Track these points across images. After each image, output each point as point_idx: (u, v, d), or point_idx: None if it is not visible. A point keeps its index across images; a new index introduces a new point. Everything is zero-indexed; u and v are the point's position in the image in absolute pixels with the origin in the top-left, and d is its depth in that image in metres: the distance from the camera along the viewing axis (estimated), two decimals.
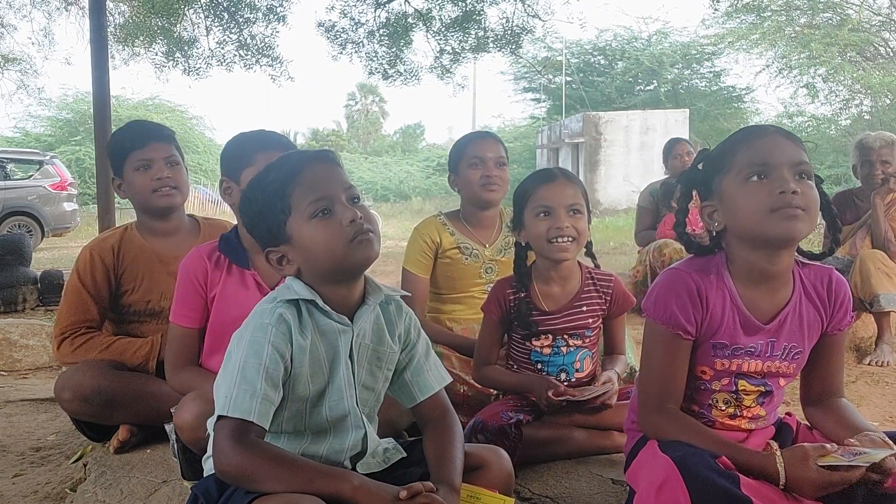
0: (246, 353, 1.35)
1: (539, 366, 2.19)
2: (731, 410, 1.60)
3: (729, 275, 1.54)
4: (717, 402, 1.60)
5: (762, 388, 1.59)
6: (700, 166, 1.59)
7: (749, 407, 1.60)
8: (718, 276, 1.53)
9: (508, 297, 2.16)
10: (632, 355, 2.47)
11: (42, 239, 11.75)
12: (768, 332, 1.54)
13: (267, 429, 1.34)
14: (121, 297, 2.39)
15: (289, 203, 1.39)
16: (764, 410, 1.62)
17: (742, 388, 1.58)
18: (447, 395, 2.36)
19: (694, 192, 1.62)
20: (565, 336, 2.17)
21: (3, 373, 3.61)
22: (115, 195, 2.71)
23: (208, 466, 1.47)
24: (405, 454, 1.53)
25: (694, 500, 1.30)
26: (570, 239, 2.06)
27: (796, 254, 1.55)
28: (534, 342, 2.18)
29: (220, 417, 1.32)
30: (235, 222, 2.11)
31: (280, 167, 1.44)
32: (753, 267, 1.52)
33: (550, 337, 2.16)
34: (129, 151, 2.37)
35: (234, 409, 1.31)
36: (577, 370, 2.19)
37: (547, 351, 2.17)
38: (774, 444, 1.47)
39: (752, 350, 1.55)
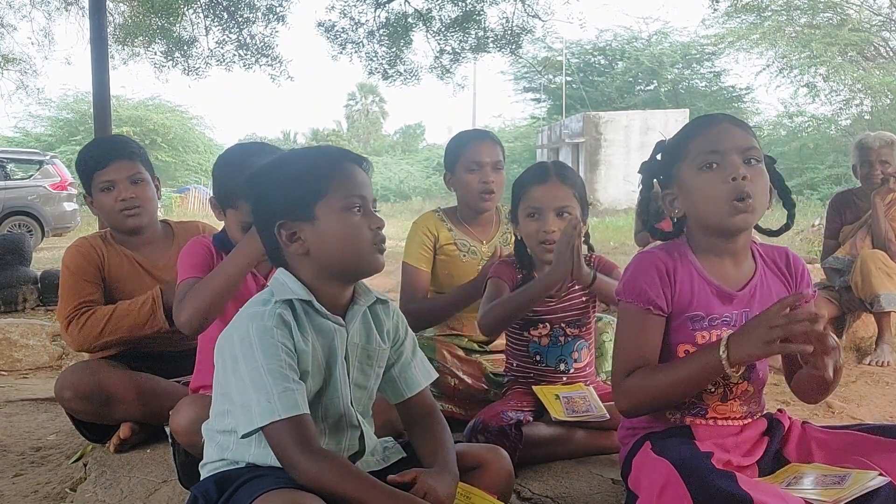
0: (261, 357, 1.34)
1: (538, 357, 2.21)
2: (720, 391, 1.62)
3: (692, 253, 1.61)
4: None
5: None
6: (658, 157, 1.66)
7: (737, 384, 1.62)
8: (682, 256, 1.60)
9: (515, 275, 2.20)
10: None
11: (42, 239, 11.74)
12: (741, 301, 1.59)
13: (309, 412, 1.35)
14: (106, 299, 2.38)
15: (326, 186, 1.40)
16: (752, 387, 1.64)
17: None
18: (439, 387, 2.38)
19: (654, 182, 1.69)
20: (563, 325, 2.19)
21: (3, 373, 3.60)
22: None
23: (206, 471, 1.47)
24: (405, 454, 1.53)
25: (696, 502, 1.31)
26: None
27: (754, 231, 1.63)
28: (532, 332, 2.19)
29: (270, 423, 1.30)
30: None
31: (326, 153, 1.47)
32: (713, 246, 1.60)
33: (548, 326, 2.18)
34: (93, 172, 2.36)
35: (284, 409, 1.31)
36: (575, 360, 2.21)
37: (545, 341, 2.19)
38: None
39: (728, 320, 1.59)
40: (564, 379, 2.21)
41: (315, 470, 1.29)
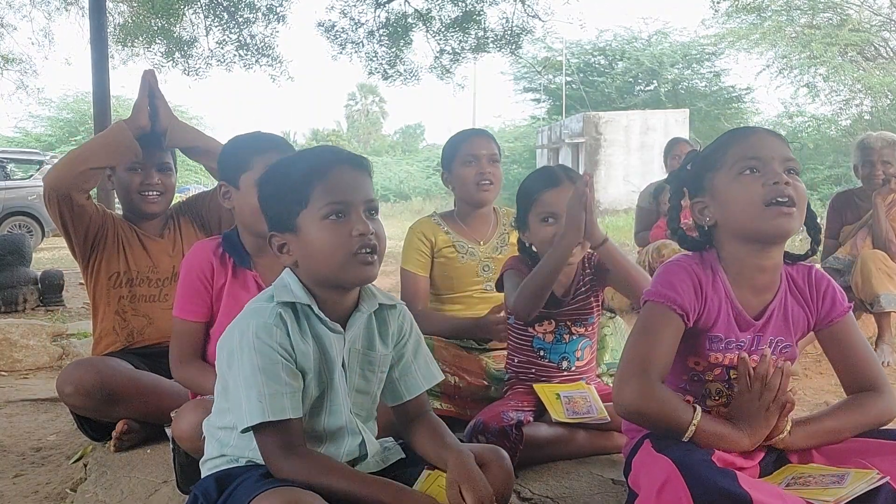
0: (256, 356, 1.34)
1: (541, 353, 2.22)
2: (724, 400, 1.62)
3: (722, 270, 1.57)
4: (710, 392, 1.62)
5: None
6: (689, 167, 1.65)
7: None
8: (714, 272, 1.57)
9: (525, 274, 2.19)
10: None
11: (42, 239, 11.73)
12: (756, 327, 1.58)
13: (302, 416, 1.37)
14: (97, 256, 2.47)
15: (307, 196, 1.38)
16: None
17: (734, 376, 1.60)
18: (439, 385, 2.38)
19: (684, 191, 1.66)
20: (568, 323, 2.19)
21: (3, 373, 3.60)
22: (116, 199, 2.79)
23: (206, 468, 1.47)
24: (404, 455, 1.53)
25: (696, 500, 1.30)
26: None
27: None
28: (536, 328, 2.20)
29: (260, 425, 1.32)
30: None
31: (311, 158, 1.43)
32: (744, 262, 1.55)
33: (553, 323, 2.18)
34: None
35: (274, 412, 1.31)
36: (577, 359, 2.22)
37: (549, 338, 2.20)
38: None
39: (742, 345, 1.58)
40: (565, 374, 2.21)
41: (294, 471, 1.31)
